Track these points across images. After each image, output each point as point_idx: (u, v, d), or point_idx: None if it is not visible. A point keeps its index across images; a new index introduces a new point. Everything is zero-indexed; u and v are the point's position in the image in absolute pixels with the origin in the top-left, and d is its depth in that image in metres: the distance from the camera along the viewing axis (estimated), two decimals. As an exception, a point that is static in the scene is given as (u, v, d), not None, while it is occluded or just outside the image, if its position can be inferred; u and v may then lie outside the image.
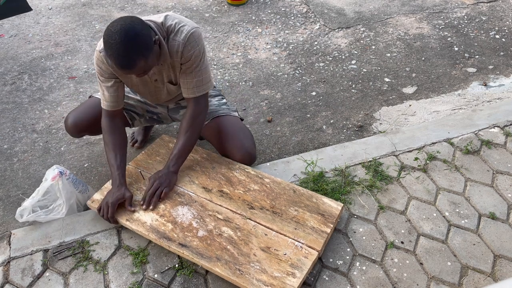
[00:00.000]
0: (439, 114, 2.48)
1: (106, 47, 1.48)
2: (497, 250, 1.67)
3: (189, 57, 1.69)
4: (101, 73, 1.75)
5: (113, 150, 1.80)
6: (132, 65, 1.50)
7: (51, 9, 3.69)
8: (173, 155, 1.81)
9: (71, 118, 1.95)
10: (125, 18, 1.51)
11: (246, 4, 3.67)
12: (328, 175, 1.97)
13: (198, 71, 1.74)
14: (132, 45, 1.47)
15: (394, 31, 3.26)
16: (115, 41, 1.45)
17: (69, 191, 1.80)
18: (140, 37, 1.49)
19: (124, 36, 1.45)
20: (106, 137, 1.83)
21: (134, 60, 1.49)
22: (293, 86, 2.76)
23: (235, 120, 1.98)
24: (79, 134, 2.01)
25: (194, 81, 1.75)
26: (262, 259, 1.56)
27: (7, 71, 2.95)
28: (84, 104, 2.00)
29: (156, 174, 1.79)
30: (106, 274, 1.62)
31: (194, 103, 1.80)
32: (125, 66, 1.50)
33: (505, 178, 1.94)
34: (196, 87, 1.76)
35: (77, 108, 2.00)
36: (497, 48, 3.04)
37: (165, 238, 1.64)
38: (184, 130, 1.80)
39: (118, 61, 1.49)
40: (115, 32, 1.46)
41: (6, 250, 1.71)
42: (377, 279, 1.58)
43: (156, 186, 1.75)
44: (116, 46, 1.46)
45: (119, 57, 1.47)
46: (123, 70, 1.52)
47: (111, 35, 1.46)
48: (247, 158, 1.93)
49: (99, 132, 1.97)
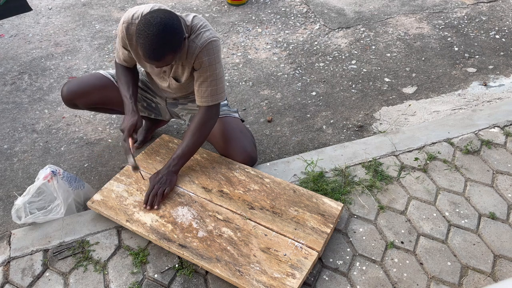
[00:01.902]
0: (439, 114, 2.48)
1: (140, 36, 1.49)
2: (497, 250, 1.67)
3: (203, 63, 1.70)
4: (120, 39, 1.79)
5: (126, 83, 1.85)
6: (160, 58, 1.52)
7: (51, 9, 3.68)
8: (176, 155, 1.81)
9: (67, 85, 1.95)
10: (165, 12, 1.53)
11: (246, 4, 3.67)
12: (328, 175, 1.97)
13: (212, 81, 1.75)
14: (168, 40, 1.49)
15: (394, 31, 3.25)
16: (152, 33, 1.46)
17: (65, 190, 1.80)
18: (176, 33, 1.51)
19: (163, 30, 1.47)
20: (119, 73, 1.88)
21: (164, 54, 1.51)
22: (293, 86, 2.76)
23: (236, 122, 1.98)
24: (72, 102, 1.98)
25: (208, 90, 1.76)
26: (262, 260, 1.56)
27: (7, 71, 2.95)
28: (84, 75, 2.02)
29: (156, 174, 1.80)
30: (106, 274, 1.62)
31: (206, 111, 1.81)
32: (154, 58, 1.52)
33: (505, 178, 1.94)
34: (210, 96, 1.78)
35: (78, 77, 2.01)
36: (497, 48, 3.04)
37: (165, 239, 1.64)
38: (191, 132, 1.80)
39: (148, 53, 1.50)
40: (154, 24, 1.47)
41: (6, 250, 1.71)
42: (377, 279, 1.58)
43: (158, 187, 1.75)
44: (151, 38, 1.47)
45: (151, 49, 1.49)
46: (150, 61, 1.53)
47: (149, 26, 1.47)
48: (248, 160, 1.94)
49: (92, 105, 2.01)
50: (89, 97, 1.96)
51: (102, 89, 1.98)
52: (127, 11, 1.74)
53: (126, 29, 1.72)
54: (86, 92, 1.94)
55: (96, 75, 2.00)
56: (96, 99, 1.99)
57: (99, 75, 2.01)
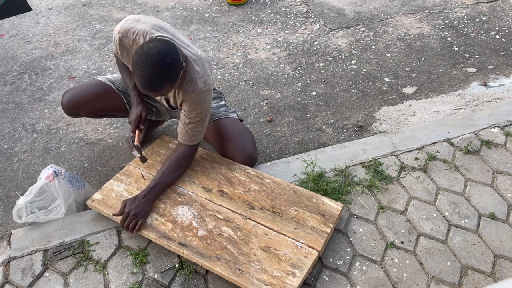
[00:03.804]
0: (439, 114, 2.48)
1: (137, 67, 1.48)
2: (497, 250, 1.67)
3: (191, 109, 1.72)
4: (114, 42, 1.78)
5: (128, 74, 1.86)
6: (157, 89, 1.53)
7: (51, 9, 3.68)
8: (157, 184, 1.77)
9: (67, 95, 1.94)
10: (162, 42, 1.52)
11: (246, 4, 3.67)
12: (328, 175, 1.97)
13: (198, 126, 1.77)
14: (165, 72, 1.50)
15: (394, 31, 3.26)
16: (148, 65, 1.46)
17: (66, 190, 1.80)
18: (173, 66, 1.52)
19: (160, 62, 1.47)
20: (120, 64, 1.88)
21: (161, 86, 1.52)
22: (293, 86, 2.76)
23: (234, 122, 1.99)
24: (73, 111, 1.97)
25: (193, 131, 1.78)
26: (262, 258, 1.56)
27: (7, 71, 2.95)
28: (83, 84, 2.00)
29: (133, 200, 1.71)
30: (106, 274, 1.62)
31: (186, 148, 1.83)
32: (150, 89, 1.53)
33: (505, 178, 1.94)
34: (193, 135, 1.80)
35: (75, 86, 2.00)
36: (497, 48, 3.04)
37: (165, 237, 1.64)
38: (172, 167, 1.81)
39: (145, 84, 1.51)
40: (151, 56, 1.46)
41: (6, 250, 1.71)
42: (377, 279, 1.58)
43: (131, 218, 1.67)
44: (148, 69, 1.47)
45: (148, 80, 1.49)
46: (147, 91, 1.55)
47: (146, 57, 1.46)
48: (248, 160, 1.94)
49: (93, 113, 2.00)
50: (91, 106, 1.95)
51: (103, 96, 1.96)
52: (127, 19, 1.72)
53: (119, 40, 1.71)
54: (87, 101, 1.93)
55: (95, 83, 1.98)
56: (97, 107, 1.98)
57: (98, 82, 1.98)
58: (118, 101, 1.99)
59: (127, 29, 1.69)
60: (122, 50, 1.74)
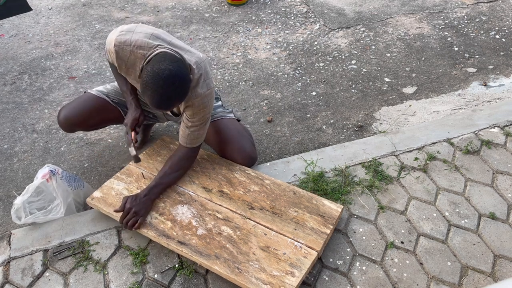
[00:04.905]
0: (439, 114, 2.48)
1: (148, 88, 1.48)
2: (497, 250, 1.67)
3: (194, 113, 1.73)
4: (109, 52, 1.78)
5: (124, 79, 1.86)
6: (168, 108, 1.55)
7: (51, 9, 3.69)
8: (158, 183, 1.78)
9: (63, 112, 1.93)
10: (172, 61, 1.51)
11: (246, 4, 3.67)
12: (328, 175, 1.97)
13: (200, 129, 1.78)
14: (175, 94, 1.51)
15: (394, 31, 3.26)
16: (160, 87, 1.47)
17: (64, 190, 1.80)
18: (184, 86, 1.53)
19: (172, 83, 1.48)
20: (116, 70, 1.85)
21: (172, 105, 1.54)
22: (293, 86, 2.76)
23: (232, 122, 1.98)
24: (71, 128, 1.97)
25: (193, 135, 1.79)
26: (261, 258, 1.56)
27: (7, 71, 2.96)
28: (78, 99, 1.97)
29: (135, 197, 1.72)
30: (106, 274, 1.62)
31: (188, 149, 1.84)
32: (162, 108, 1.54)
33: (505, 178, 1.94)
34: (194, 138, 1.81)
35: (70, 102, 1.98)
36: (497, 48, 3.04)
37: (164, 236, 1.64)
38: (174, 167, 1.82)
39: (156, 104, 1.52)
40: (162, 78, 1.47)
41: (6, 250, 1.71)
42: (377, 279, 1.58)
43: (131, 215, 1.67)
44: (160, 93, 1.48)
45: (160, 101, 1.51)
46: (157, 110, 1.57)
47: (157, 80, 1.47)
48: (248, 160, 1.94)
49: (91, 128, 2.01)
50: (88, 121, 1.95)
51: (100, 111, 1.95)
52: (120, 30, 1.70)
53: (116, 52, 1.70)
54: (84, 118, 1.93)
55: (89, 98, 1.95)
56: (94, 122, 1.98)
57: (92, 96, 1.96)
58: (115, 113, 1.99)
59: (123, 41, 1.68)
60: (119, 62, 1.73)
